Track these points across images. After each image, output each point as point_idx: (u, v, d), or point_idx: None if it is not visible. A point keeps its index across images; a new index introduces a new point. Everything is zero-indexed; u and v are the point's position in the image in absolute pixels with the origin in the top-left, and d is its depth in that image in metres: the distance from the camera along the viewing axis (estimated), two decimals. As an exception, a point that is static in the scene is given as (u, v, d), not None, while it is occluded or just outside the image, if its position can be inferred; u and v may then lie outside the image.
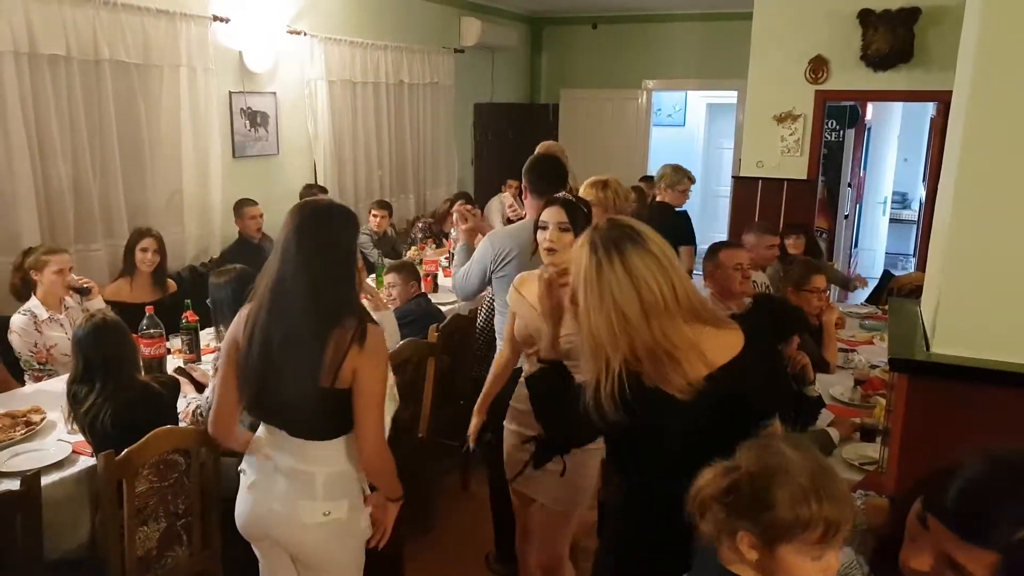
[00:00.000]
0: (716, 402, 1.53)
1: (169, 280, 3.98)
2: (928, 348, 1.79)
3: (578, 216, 2.39)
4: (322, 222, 1.86)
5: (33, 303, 3.28)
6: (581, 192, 3.01)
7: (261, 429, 2.04)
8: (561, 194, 2.50)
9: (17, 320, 3.24)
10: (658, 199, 4.99)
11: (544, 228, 2.37)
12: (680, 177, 4.91)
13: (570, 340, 2.17)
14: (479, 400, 2.66)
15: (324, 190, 5.38)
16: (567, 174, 3.10)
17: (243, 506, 2.06)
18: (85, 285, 3.41)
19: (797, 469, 1.21)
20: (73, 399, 2.40)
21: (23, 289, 3.32)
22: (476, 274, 2.94)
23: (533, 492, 2.48)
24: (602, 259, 1.54)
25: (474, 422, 2.66)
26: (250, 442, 2.05)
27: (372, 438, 1.91)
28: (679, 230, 4.64)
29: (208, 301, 2.89)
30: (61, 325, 3.30)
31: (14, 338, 3.21)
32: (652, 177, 7.61)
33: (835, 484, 1.22)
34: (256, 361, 1.87)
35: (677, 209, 4.92)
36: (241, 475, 2.09)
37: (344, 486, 1.98)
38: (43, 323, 3.25)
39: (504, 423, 2.56)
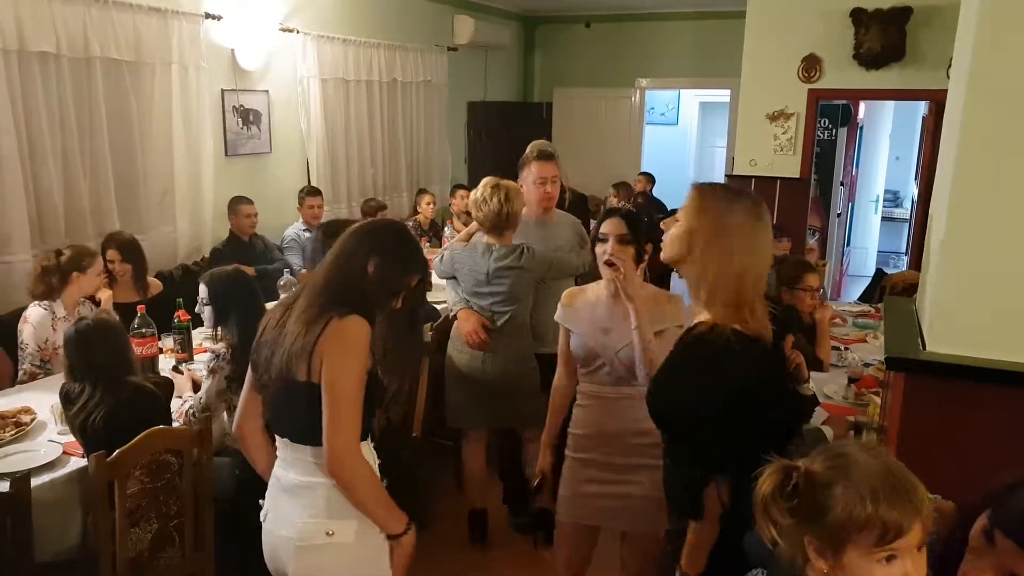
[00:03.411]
0: None
1: (153, 280, 3.89)
2: (924, 347, 1.80)
3: (639, 227, 2.29)
4: (346, 236, 1.86)
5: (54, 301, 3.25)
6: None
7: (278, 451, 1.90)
8: (623, 206, 2.45)
9: (35, 312, 3.20)
10: None
11: (604, 240, 2.25)
12: None
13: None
14: (544, 434, 2.51)
15: (318, 191, 5.34)
16: None
17: (264, 544, 1.88)
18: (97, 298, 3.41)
19: (859, 469, 1.13)
20: (65, 398, 2.39)
21: (59, 288, 3.25)
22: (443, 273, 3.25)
23: (611, 522, 2.35)
24: None
25: (543, 457, 2.47)
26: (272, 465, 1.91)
27: (331, 440, 1.68)
28: None
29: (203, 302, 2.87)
30: None
31: (27, 329, 3.17)
32: (650, 173, 7.67)
33: (901, 485, 1.13)
34: (257, 354, 1.84)
35: None
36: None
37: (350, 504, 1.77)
38: (59, 321, 3.22)
39: (566, 451, 2.44)
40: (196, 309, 2.92)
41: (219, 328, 2.75)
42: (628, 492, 2.25)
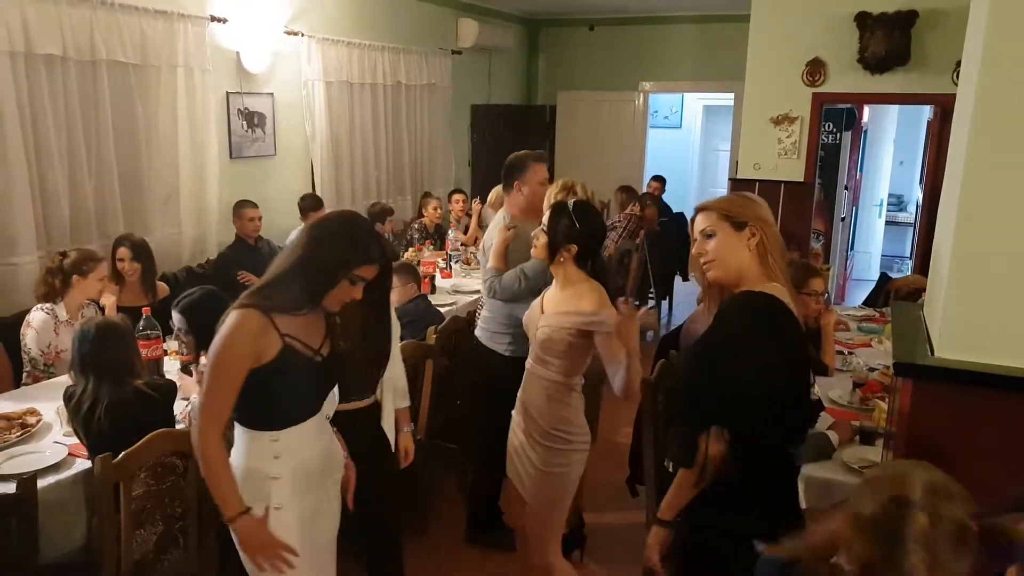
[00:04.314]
0: None
1: (161, 284, 3.92)
2: (932, 352, 1.79)
3: (559, 223, 2.42)
4: (304, 230, 1.95)
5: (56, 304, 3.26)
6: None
7: None
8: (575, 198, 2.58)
9: (38, 316, 3.20)
10: None
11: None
12: None
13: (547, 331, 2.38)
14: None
15: (319, 201, 5.33)
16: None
17: None
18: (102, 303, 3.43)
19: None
20: (69, 399, 2.39)
21: (60, 291, 3.26)
22: (527, 288, 2.98)
23: (513, 478, 2.54)
24: None
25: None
26: None
27: (196, 417, 1.81)
28: None
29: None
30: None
31: (30, 333, 3.17)
32: (662, 176, 7.66)
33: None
34: None
35: None
36: None
37: (249, 486, 1.84)
38: (61, 325, 3.22)
39: (512, 412, 2.56)
40: (172, 337, 2.90)
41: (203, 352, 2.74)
42: (529, 460, 2.44)
